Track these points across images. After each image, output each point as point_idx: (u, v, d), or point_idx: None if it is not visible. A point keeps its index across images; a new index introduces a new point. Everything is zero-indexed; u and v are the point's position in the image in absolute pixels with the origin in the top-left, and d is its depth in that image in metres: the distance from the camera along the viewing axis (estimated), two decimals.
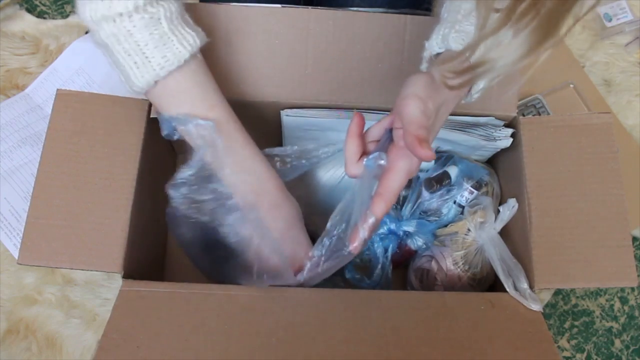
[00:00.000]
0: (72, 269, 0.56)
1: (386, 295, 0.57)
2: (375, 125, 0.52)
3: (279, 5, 0.61)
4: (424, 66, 0.55)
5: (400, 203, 0.70)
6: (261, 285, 0.59)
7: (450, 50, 0.50)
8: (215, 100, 0.54)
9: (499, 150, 0.68)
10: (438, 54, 0.53)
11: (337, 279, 0.71)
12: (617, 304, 0.82)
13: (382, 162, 0.52)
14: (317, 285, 0.60)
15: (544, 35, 0.35)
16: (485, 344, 0.53)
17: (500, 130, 0.64)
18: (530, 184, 0.60)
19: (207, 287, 0.56)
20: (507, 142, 0.64)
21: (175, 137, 0.56)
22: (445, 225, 0.68)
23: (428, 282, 0.68)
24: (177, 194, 0.62)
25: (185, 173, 0.59)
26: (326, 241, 0.53)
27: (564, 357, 0.80)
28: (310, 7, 0.62)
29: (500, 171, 0.70)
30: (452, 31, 0.50)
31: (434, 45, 0.52)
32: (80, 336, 0.75)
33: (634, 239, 0.85)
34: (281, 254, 0.58)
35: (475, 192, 0.67)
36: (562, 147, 0.61)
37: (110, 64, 0.51)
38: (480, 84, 0.51)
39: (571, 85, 0.89)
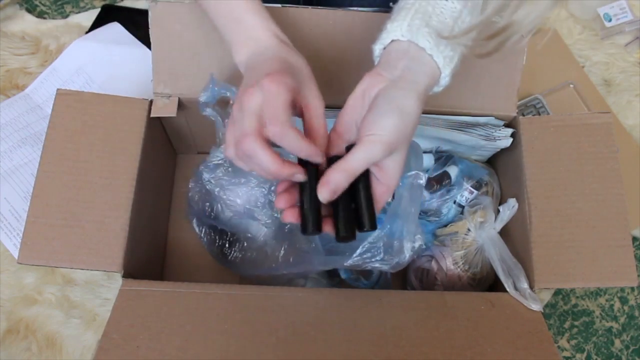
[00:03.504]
0: (72, 268, 0.56)
1: (386, 295, 0.57)
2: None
3: (279, 5, 0.61)
4: (378, 47, 0.50)
5: None
6: (278, 272, 0.59)
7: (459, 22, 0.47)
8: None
9: (499, 150, 0.68)
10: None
11: (334, 280, 0.72)
12: (617, 304, 0.82)
13: (421, 181, 0.54)
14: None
15: None
16: (485, 343, 0.53)
17: (500, 130, 0.64)
18: (530, 184, 0.61)
19: (207, 287, 0.56)
20: (507, 142, 0.64)
21: (205, 112, 0.56)
22: (445, 225, 0.68)
23: (428, 282, 0.68)
24: (211, 176, 0.62)
25: (221, 153, 0.59)
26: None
27: (564, 357, 0.79)
28: (310, 7, 0.62)
29: (500, 171, 0.70)
30: (424, 25, 0.46)
31: (397, 33, 0.47)
32: (80, 336, 0.75)
33: (634, 239, 0.85)
34: (314, 237, 0.58)
35: (475, 192, 0.67)
36: (562, 147, 0.61)
37: None
38: (444, 81, 0.48)
39: (571, 85, 0.89)
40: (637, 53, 0.94)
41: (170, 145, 0.78)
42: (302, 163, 0.45)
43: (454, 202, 0.68)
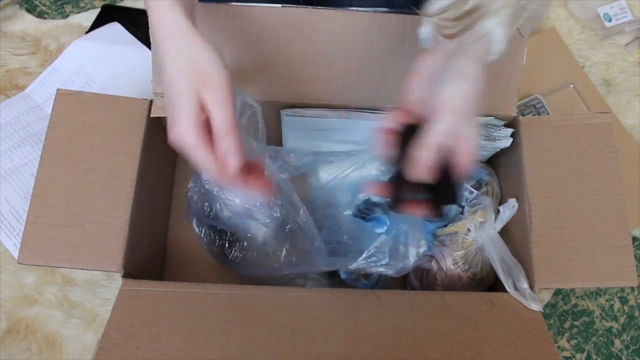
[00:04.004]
0: (72, 268, 0.56)
1: (386, 295, 0.57)
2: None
3: (279, 5, 0.61)
4: (424, 30, 0.51)
5: None
6: (279, 272, 0.59)
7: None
8: None
9: (499, 150, 0.68)
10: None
11: (334, 280, 0.72)
12: (617, 304, 0.82)
13: None
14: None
15: None
16: (485, 343, 0.53)
17: (500, 130, 0.64)
18: (530, 184, 0.60)
19: (207, 287, 0.56)
20: (507, 142, 0.64)
21: None
22: (445, 225, 0.68)
23: (428, 282, 0.68)
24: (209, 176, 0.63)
25: None
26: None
27: (564, 357, 0.79)
28: (310, 7, 0.62)
29: (500, 171, 0.70)
30: None
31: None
32: (80, 336, 0.75)
33: (634, 239, 0.85)
34: (316, 237, 0.58)
35: (475, 192, 0.67)
36: (562, 147, 0.61)
37: None
38: (498, 47, 0.48)
39: (571, 85, 0.89)
40: (637, 53, 0.94)
41: (171, 145, 0.78)
42: (403, 133, 0.47)
43: None
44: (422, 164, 0.45)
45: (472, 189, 0.67)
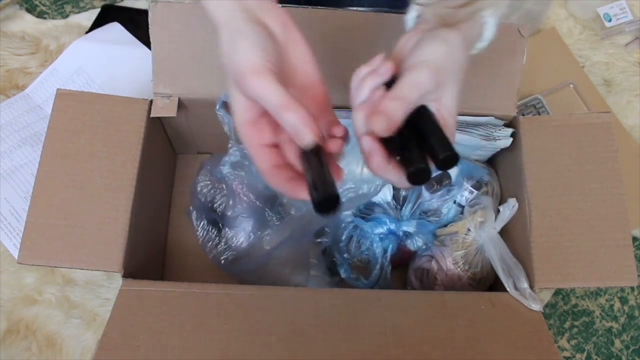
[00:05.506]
0: (72, 268, 0.56)
1: (386, 295, 0.57)
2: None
3: (279, 5, 0.61)
4: (411, 16, 0.49)
5: (400, 203, 0.70)
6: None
7: None
8: None
9: (498, 150, 0.68)
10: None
11: (334, 279, 0.72)
12: (617, 304, 0.82)
13: None
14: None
15: None
16: (486, 343, 0.53)
17: (500, 130, 0.64)
18: (530, 183, 0.61)
19: (207, 287, 0.56)
20: (507, 142, 0.64)
21: (219, 112, 0.60)
22: (445, 225, 0.68)
23: (428, 281, 0.68)
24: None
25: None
26: None
27: (564, 357, 0.79)
28: (310, 7, 0.62)
29: (500, 171, 0.70)
30: None
31: None
32: (80, 336, 0.75)
33: (634, 239, 0.85)
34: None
35: (475, 191, 0.67)
36: (562, 147, 0.61)
37: None
38: (489, 34, 0.46)
39: (571, 85, 0.89)
40: (637, 53, 0.94)
41: (170, 145, 0.78)
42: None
43: (454, 202, 0.68)
44: (390, 116, 0.39)
45: (472, 189, 0.67)
